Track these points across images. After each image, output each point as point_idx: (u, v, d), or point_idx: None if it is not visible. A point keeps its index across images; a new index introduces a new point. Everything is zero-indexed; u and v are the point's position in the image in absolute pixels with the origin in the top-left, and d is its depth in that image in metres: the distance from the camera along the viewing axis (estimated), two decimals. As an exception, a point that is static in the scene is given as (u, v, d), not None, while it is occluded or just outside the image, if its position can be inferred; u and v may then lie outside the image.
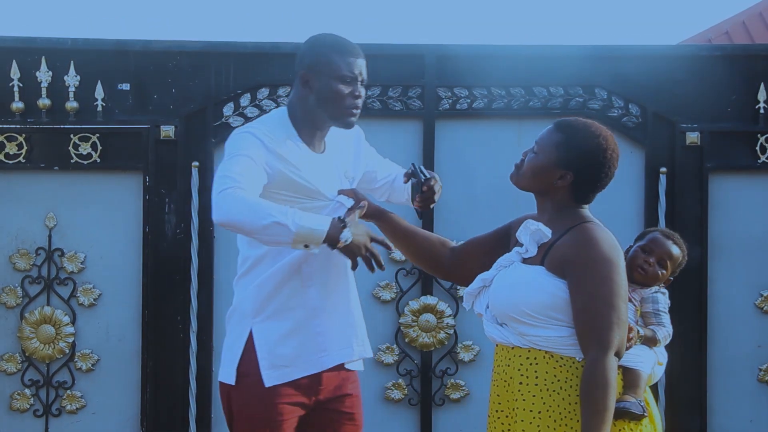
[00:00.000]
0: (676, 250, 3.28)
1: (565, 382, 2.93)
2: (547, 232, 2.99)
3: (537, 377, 2.94)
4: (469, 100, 5.29)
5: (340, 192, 3.31)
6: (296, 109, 3.31)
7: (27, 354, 5.20)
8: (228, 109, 5.24)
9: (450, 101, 5.29)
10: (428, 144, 5.27)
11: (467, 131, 5.31)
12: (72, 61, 5.17)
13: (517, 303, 2.96)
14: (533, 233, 3.00)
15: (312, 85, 3.26)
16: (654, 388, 5.21)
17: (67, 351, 5.20)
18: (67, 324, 5.20)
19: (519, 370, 2.97)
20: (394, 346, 5.27)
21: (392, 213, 3.37)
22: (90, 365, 5.21)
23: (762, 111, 5.29)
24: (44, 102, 5.16)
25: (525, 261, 3.02)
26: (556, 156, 3.01)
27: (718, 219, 5.31)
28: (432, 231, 5.22)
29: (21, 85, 5.17)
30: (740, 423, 5.31)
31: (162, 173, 5.21)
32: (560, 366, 2.94)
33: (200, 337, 5.20)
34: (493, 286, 3.04)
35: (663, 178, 5.26)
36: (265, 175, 3.17)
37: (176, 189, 5.21)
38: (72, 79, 5.16)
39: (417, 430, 5.28)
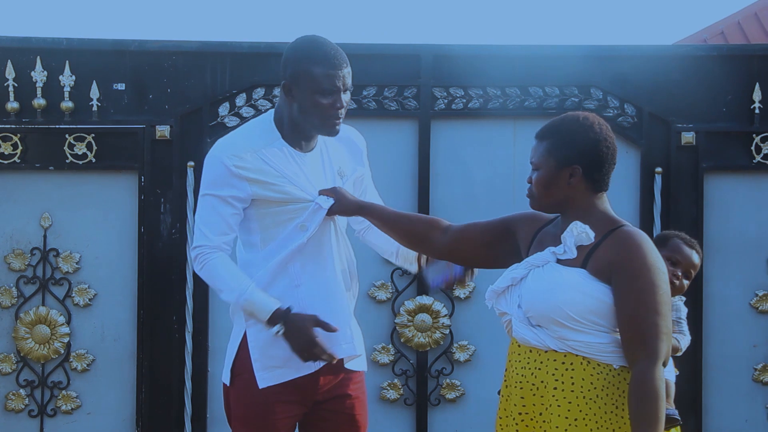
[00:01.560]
0: (697, 258, 3.30)
1: (602, 390, 2.88)
2: (591, 235, 2.93)
3: (573, 383, 2.88)
4: (464, 100, 5.29)
5: (321, 192, 3.31)
6: (282, 114, 3.34)
7: (22, 354, 5.19)
8: (224, 109, 5.24)
9: (446, 101, 5.29)
10: (424, 144, 5.27)
11: (463, 131, 5.31)
12: (67, 61, 5.16)
13: (560, 305, 2.89)
14: (578, 235, 2.94)
15: (294, 94, 3.27)
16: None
17: (63, 351, 5.19)
18: (63, 324, 5.19)
19: (554, 375, 2.91)
20: (390, 346, 5.27)
21: (374, 204, 3.37)
22: (85, 365, 5.20)
23: (757, 111, 5.29)
24: (39, 102, 5.15)
25: (560, 262, 2.95)
26: (555, 159, 2.99)
27: (713, 219, 5.31)
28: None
29: (16, 84, 5.16)
30: (735, 422, 5.32)
31: (157, 173, 5.20)
32: (597, 373, 2.89)
33: (196, 337, 5.20)
34: (528, 285, 2.96)
35: (658, 178, 5.26)
36: (234, 209, 3.28)
37: (172, 189, 5.20)
38: (67, 79, 5.16)
39: (412, 430, 5.28)
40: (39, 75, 5.15)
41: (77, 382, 5.22)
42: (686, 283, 3.23)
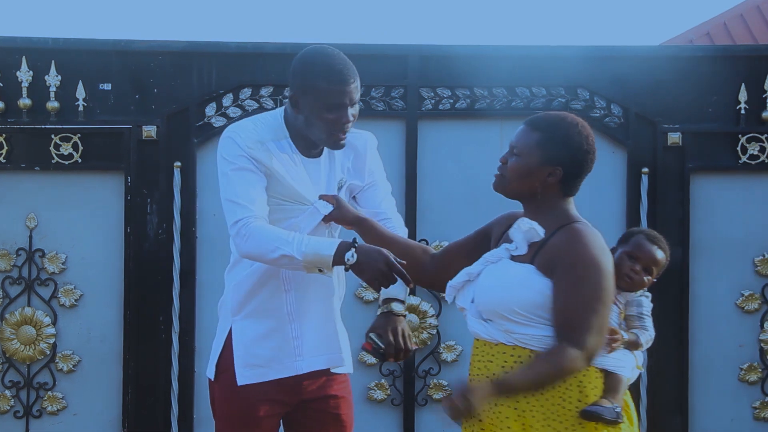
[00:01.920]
0: (661, 255, 3.25)
1: None
2: (540, 231, 2.96)
3: None
4: (451, 101, 5.29)
5: (321, 197, 3.28)
6: (289, 119, 3.30)
7: (7, 355, 5.17)
8: (210, 110, 5.23)
9: (433, 101, 5.29)
10: (411, 144, 5.27)
11: (450, 131, 5.32)
12: (53, 61, 5.15)
13: (507, 300, 2.94)
14: (527, 231, 2.98)
15: (301, 107, 3.23)
16: (636, 389, 5.23)
17: (48, 352, 5.17)
18: (48, 325, 5.17)
19: (503, 367, 2.96)
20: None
21: (372, 220, 3.31)
22: (71, 366, 5.19)
23: (743, 112, 5.31)
24: (25, 102, 5.14)
25: (513, 258, 3.00)
26: (542, 154, 2.99)
27: (699, 219, 5.33)
28: (414, 231, 5.24)
29: (1, 84, 5.15)
30: (722, 422, 5.33)
31: (144, 174, 5.19)
32: None
33: (182, 337, 5.19)
34: (481, 281, 3.02)
35: (645, 179, 5.27)
36: (258, 175, 3.20)
37: (158, 189, 5.19)
38: (53, 79, 5.14)
39: (400, 431, 5.28)
40: (24, 75, 5.13)
41: (63, 382, 5.20)
42: (647, 279, 3.22)
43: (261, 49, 5.24)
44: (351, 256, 3.10)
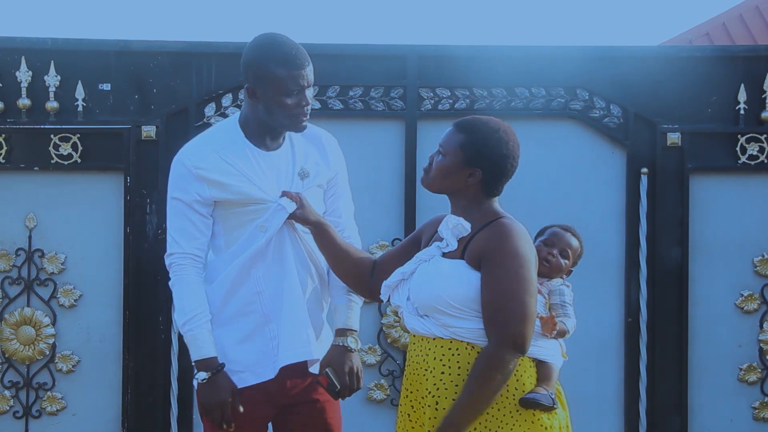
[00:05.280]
0: (575, 242, 3.42)
1: None
2: (467, 226, 3.09)
3: (459, 367, 3.04)
4: (451, 101, 5.29)
5: (284, 194, 3.29)
6: (248, 116, 3.33)
7: (7, 355, 5.17)
8: (209, 110, 5.23)
9: (432, 102, 5.29)
10: (410, 144, 5.27)
11: (449, 132, 5.31)
12: (52, 61, 5.15)
13: (441, 295, 3.05)
14: (454, 227, 3.10)
15: (258, 96, 3.26)
16: (635, 388, 5.24)
17: (48, 352, 5.17)
18: (48, 325, 5.17)
19: (441, 360, 3.07)
20: (377, 346, 5.27)
21: (330, 227, 3.35)
22: (71, 366, 5.18)
23: (742, 112, 5.31)
24: (24, 102, 5.13)
25: (445, 255, 3.11)
26: (463, 156, 3.12)
27: (698, 219, 5.33)
28: (414, 229, 5.23)
29: (0, 85, 5.14)
30: (721, 422, 5.34)
31: (143, 174, 5.19)
32: None
33: (181, 337, 5.17)
34: (415, 278, 3.12)
35: (644, 179, 5.28)
36: (200, 214, 3.30)
37: (157, 189, 5.19)
38: (52, 79, 5.14)
39: None
40: (24, 75, 5.13)
41: (62, 383, 5.20)
42: (566, 263, 3.36)
43: (260, 50, 5.23)
44: (202, 377, 3.26)
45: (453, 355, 3.06)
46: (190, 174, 3.27)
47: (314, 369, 3.37)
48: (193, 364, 3.31)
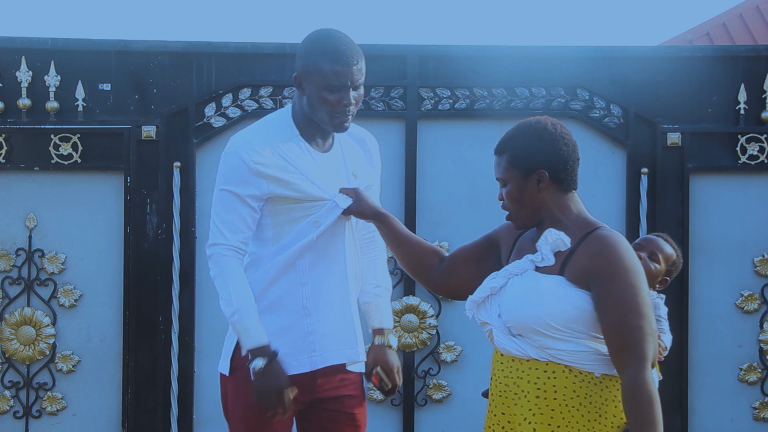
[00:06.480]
0: (667, 247, 3.30)
1: (585, 398, 2.87)
2: (566, 241, 2.91)
3: (556, 391, 2.87)
4: (451, 101, 5.29)
5: (341, 190, 3.28)
6: (297, 108, 3.32)
7: (7, 355, 5.17)
8: (210, 110, 5.22)
9: (432, 102, 5.29)
10: (410, 144, 5.27)
11: (449, 131, 5.32)
12: (52, 61, 5.14)
13: (540, 314, 2.87)
14: (554, 242, 2.92)
15: (304, 87, 3.25)
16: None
17: (48, 352, 5.17)
18: (48, 325, 5.17)
19: (536, 383, 2.89)
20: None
21: (391, 216, 3.31)
22: (71, 366, 5.18)
23: (742, 112, 5.31)
24: (24, 102, 5.13)
25: (539, 270, 2.93)
26: (518, 171, 2.98)
27: (699, 219, 5.33)
28: (414, 231, 5.23)
29: (1, 84, 5.14)
30: (721, 422, 5.34)
31: (143, 174, 5.19)
32: (579, 381, 2.87)
33: (182, 337, 5.19)
34: (507, 295, 2.94)
35: (644, 179, 5.28)
36: (251, 209, 3.24)
37: (157, 189, 5.19)
38: (52, 79, 5.14)
39: (399, 431, 5.28)
40: (24, 75, 5.13)
41: (63, 383, 5.20)
42: (656, 267, 3.24)
43: (260, 50, 5.23)
44: (258, 365, 3.17)
45: (549, 378, 2.87)
46: (248, 169, 3.21)
47: (351, 366, 3.35)
48: (247, 350, 3.21)
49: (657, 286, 3.27)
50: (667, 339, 3.16)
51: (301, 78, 3.24)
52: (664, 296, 3.26)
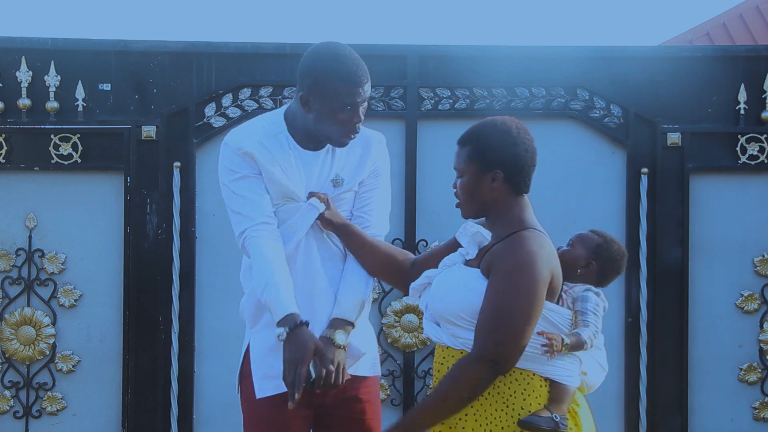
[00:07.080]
0: (590, 235, 3.24)
1: (493, 388, 2.95)
2: (486, 235, 3.00)
3: None
4: (451, 101, 5.29)
5: (311, 195, 3.25)
6: (295, 117, 3.28)
7: (7, 355, 5.17)
8: (210, 110, 5.23)
9: (432, 102, 5.29)
10: (410, 144, 5.27)
11: (450, 131, 5.31)
12: (52, 61, 5.14)
13: (451, 305, 2.97)
14: (473, 235, 3.01)
15: (311, 106, 3.20)
16: (635, 388, 5.24)
17: (48, 352, 5.17)
18: (48, 325, 5.17)
19: None
20: (377, 346, 5.26)
21: (355, 227, 3.29)
22: (71, 366, 5.18)
23: (742, 112, 5.31)
24: (24, 102, 5.13)
25: (467, 263, 3.03)
26: (476, 165, 3.04)
27: (699, 219, 5.33)
28: (414, 231, 5.24)
29: (1, 84, 5.14)
30: (721, 422, 5.34)
31: (143, 174, 5.19)
32: None
33: (182, 337, 5.19)
34: (433, 285, 3.06)
35: (644, 179, 5.28)
36: (258, 180, 3.21)
37: (158, 189, 5.19)
38: (52, 79, 5.14)
39: (399, 431, 5.27)
40: (24, 75, 5.13)
41: (63, 383, 5.20)
42: (581, 254, 3.18)
43: (260, 50, 5.24)
44: (281, 334, 3.08)
45: None
46: (235, 154, 3.22)
47: (362, 371, 3.32)
48: (277, 321, 3.12)
49: (579, 271, 3.20)
50: (586, 333, 3.05)
51: (307, 96, 3.19)
52: (599, 290, 3.20)
